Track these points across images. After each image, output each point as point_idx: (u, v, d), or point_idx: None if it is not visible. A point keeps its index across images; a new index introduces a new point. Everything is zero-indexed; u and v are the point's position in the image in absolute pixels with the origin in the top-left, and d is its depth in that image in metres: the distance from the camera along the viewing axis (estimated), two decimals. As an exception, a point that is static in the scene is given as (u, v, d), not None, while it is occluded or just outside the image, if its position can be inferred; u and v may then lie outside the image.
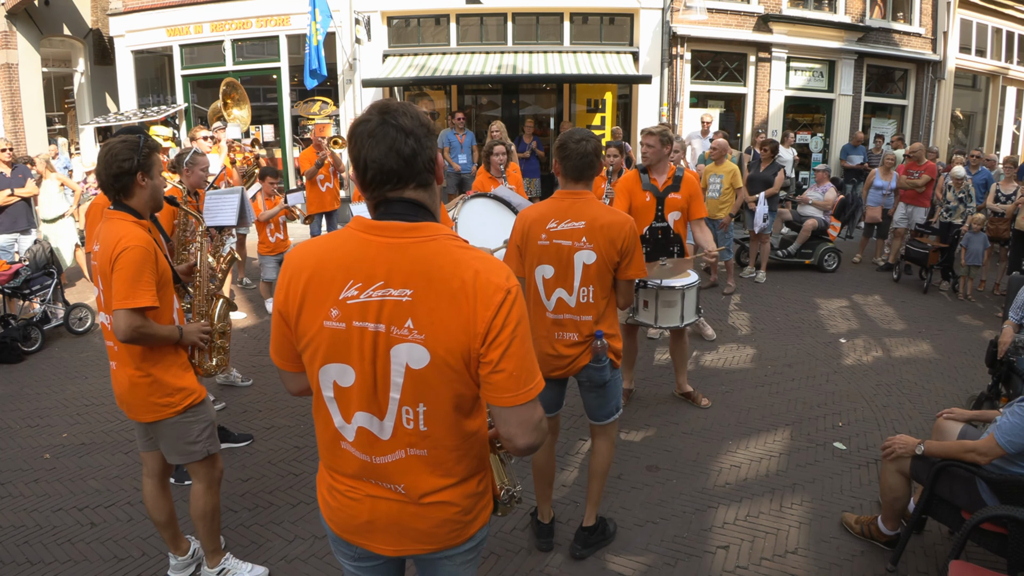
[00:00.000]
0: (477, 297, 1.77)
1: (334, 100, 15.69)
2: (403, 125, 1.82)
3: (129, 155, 3.15)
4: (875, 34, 16.39)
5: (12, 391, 6.39)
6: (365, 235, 1.86)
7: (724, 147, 9.25)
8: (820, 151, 16.51)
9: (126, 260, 3.04)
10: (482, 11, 15.08)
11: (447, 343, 1.79)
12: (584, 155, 3.50)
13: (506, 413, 1.84)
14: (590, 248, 3.46)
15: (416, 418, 1.88)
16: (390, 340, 1.82)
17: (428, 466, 1.94)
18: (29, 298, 7.73)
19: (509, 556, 3.95)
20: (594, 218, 3.46)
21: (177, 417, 3.34)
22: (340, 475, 2.03)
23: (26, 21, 14.86)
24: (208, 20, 15.56)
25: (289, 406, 5.89)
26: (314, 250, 1.91)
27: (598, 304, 3.56)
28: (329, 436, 1.99)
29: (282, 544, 4.07)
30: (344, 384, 1.90)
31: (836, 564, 3.89)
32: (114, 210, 3.23)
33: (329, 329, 1.85)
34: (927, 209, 10.81)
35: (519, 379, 1.81)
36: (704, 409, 5.85)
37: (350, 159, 1.89)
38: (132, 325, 3.04)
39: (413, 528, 1.98)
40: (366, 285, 1.82)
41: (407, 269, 1.80)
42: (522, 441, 1.86)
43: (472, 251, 1.86)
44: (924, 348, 7.49)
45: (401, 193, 1.86)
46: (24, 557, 3.95)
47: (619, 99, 15.93)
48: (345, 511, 2.03)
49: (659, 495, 4.58)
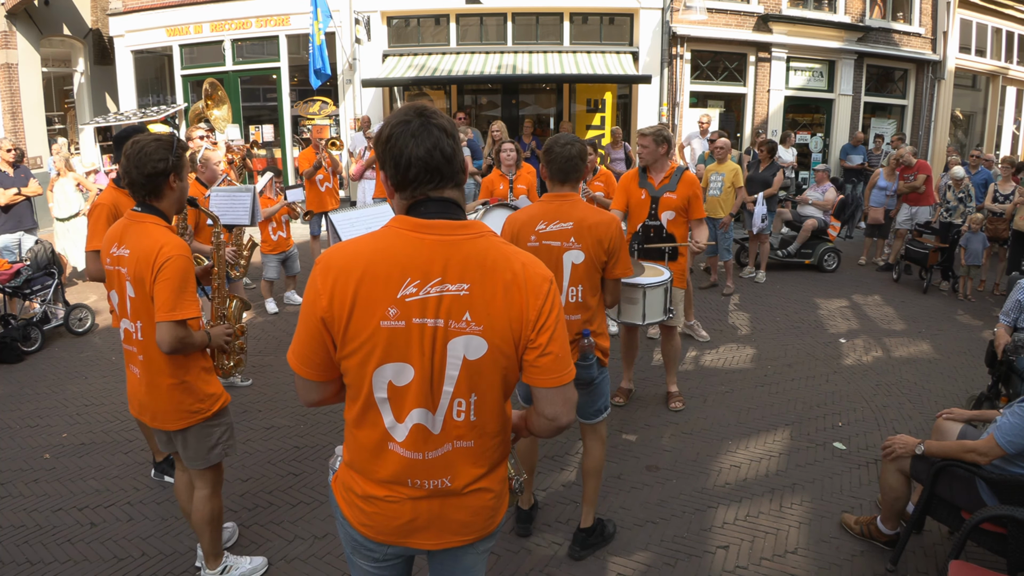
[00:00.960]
0: (528, 287, 1.89)
1: (334, 100, 15.69)
2: (443, 126, 1.90)
3: (164, 155, 3.10)
4: (875, 34, 16.38)
5: (12, 391, 6.39)
6: (416, 234, 1.88)
7: (727, 146, 9.26)
8: (820, 151, 16.51)
9: (172, 270, 2.98)
10: (482, 11, 15.08)
11: (502, 331, 1.89)
12: (569, 158, 3.65)
13: (552, 393, 1.97)
14: (578, 248, 3.56)
15: (467, 409, 1.95)
16: (448, 334, 1.88)
17: (471, 456, 2.00)
18: (29, 298, 7.73)
19: (509, 556, 3.95)
20: (581, 218, 3.56)
21: (204, 422, 3.33)
22: (377, 481, 2.01)
23: (26, 21, 14.86)
24: (208, 20, 15.57)
25: (289, 406, 5.90)
26: (361, 251, 1.90)
27: (587, 303, 3.65)
28: (375, 440, 1.99)
29: (282, 544, 4.07)
30: (400, 383, 1.92)
31: (836, 564, 3.89)
32: (142, 212, 3.15)
33: (387, 329, 1.87)
34: (931, 207, 10.80)
35: (563, 360, 1.95)
36: (703, 409, 5.86)
37: (386, 157, 1.92)
38: (178, 336, 3.01)
39: (453, 520, 2.03)
40: (424, 282, 1.85)
41: (462, 264, 1.87)
42: (566, 419, 2.01)
43: (513, 246, 1.99)
44: (924, 348, 7.49)
45: (442, 192, 1.93)
46: (24, 557, 3.95)
47: (619, 99, 15.92)
48: (384, 514, 2.02)
49: (659, 495, 4.58)
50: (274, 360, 6.91)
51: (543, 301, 1.91)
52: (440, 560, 2.16)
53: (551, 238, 3.59)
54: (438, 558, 2.15)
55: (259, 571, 3.81)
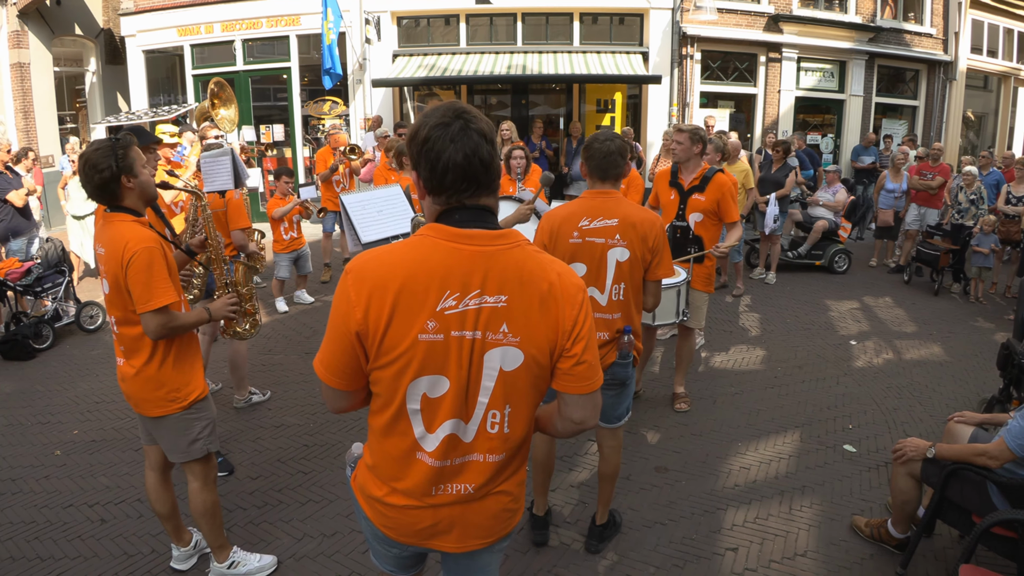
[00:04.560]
0: (564, 297, 1.89)
1: (344, 100, 15.71)
2: (483, 130, 1.85)
3: (107, 162, 3.14)
4: (886, 34, 16.30)
5: (23, 388, 6.43)
6: (454, 244, 1.85)
7: (737, 147, 9.24)
8: (831, 152, 16.44)
9: (137, 265, 3.08)
10: (492, 11, 15.07)
11: (539, 342, 1.90)
12: (607, 155, 3.58)
13: (584, 400, 1.98)
14: (624, 245, 3.52)
15: (502, 421, 1.95)
16: (485, 346, 1.87)
17: (497, 466, 2.01)
18: (41, 296, 7.78)
19: (518, 556, 3.95)
20: (626, 215, 3.52)
21: (181, 413, 3.38)
22: (401, 492, 2.01)
23: (38, 21, 14.93)
24: (219, 20, 15.60)
25: (298, 405, 5.91)
26: (396, 262, 1.86)
27: (627, 302, 3.61)
28: (403, 449, 1.98)
29: (291, 542, 4.08)
30: (435, 395, 1.91)
31: (845, 567, 3.88)
32: (112, 212, 3.24)
33: (425, 342, 1.84)
34: (939, 211, 10.76)
35: (595, 368, 1.98)
36: (713, 410, 5.84)
37: (421, 159, 1.87)
38: (160, 323, 3.14)
39: (474, 524, 2.05)
40: (463, 294, 1.84)
41: (500, 276, 1.85)
42: (592, 423, 2.04)
43: (547, 255, 1.97)
44: (935, 350, 7.46)
45: (478, 200, 1.89)
46: (34, 553, 3.98)
47: (629, 99, 15.88)
48: (406, 518, 2.04)
49: (668, 496, 4.58)
50: (284, 359, 6.93)
51: (578, 310, 1.91)
52: (455, 559, 2.17)
53: (595, 235, 3.53)
54: (454, 556, 2.15)
55: (267, 570, 3.82)
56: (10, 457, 5.13)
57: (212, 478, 3.60)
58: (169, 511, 3.70)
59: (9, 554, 3.97)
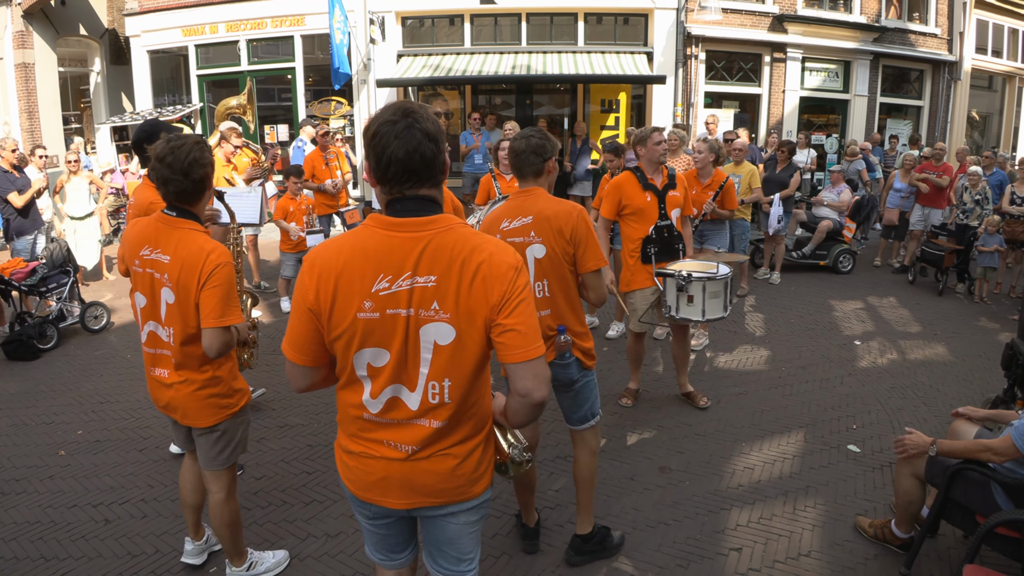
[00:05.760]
0: (493, 275, 2.02)
1: (348, 100, 15.73)
2: (427, 130, 2.02)
3: (209, 158, 3.08)
4: (891, 34, 16.28)
5: (28, 388, 6.44)
6: (388, 232, 2.06)
7: (744, 148, 9.23)
8: (835, 152, 16.41)
9: (220, 278, 2.99)
10: (496, 11, 15.09)
11: (471, 318, 2.03)
12: (518, 153, 3.58)
13: (522, 368, 2.06)
14: (539, 241, 3.47)
15: (441, 392, 2.11)
16: (419, 321, 2.05)
17: (441, 431, 2.17)
18: (45, 296, 7.80)
19: (520, 556, 3.95)
20: (541, 210, 3.48)
21: (232, 418, 3.35)
22: (359, 438, 2.23)
23: (42, 21, 14.98)
24: (223, 20, 15.64)
25: (302, 405, 5.91)
26: (340, 250, 2.09)
27: (555, 299, 3.54)
28: (356, 403, 2.19)
29: (295, 542, 4.09)
30: (378, 364, 2.12)
31: (849, 567, 3.87)
32: (178, 217, 3.12)
33: (363, 319, 2.06)
34: (944, 211, 10.74)
35: (527, 336, 2.05)
36: (717, 410, 5.84)
37: (370, 153, 2.06)
38: (226, 341, 3.03)
39: (422, 483, 2.21)
40: (396, 277, 2.03)
41: (430, 258, 2.03)
42: (538, 394, 2.08)
43: (483, 236, 2.11)
44: (939, 351, 7.44)
45: (417, 191, 2.07)
46: (39, 553, 3.98)
47: (633, 99, 15.88)
48: (362, 468, 2.24)
49: (672, 496, 4.57)
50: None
51: (508, 286, 2.02)
52: (428, 528, 2.36)
53: (514, 235, 3.49)
54: (426, 527, 2.36)
55: (283, 565, 3.85)
56: (14, 457, 5.14)
57: (234, 486, 3.56)
58: (199, 504, 3.71)
59: (13, 554, 3.98)
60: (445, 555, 2.36)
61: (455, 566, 2.37)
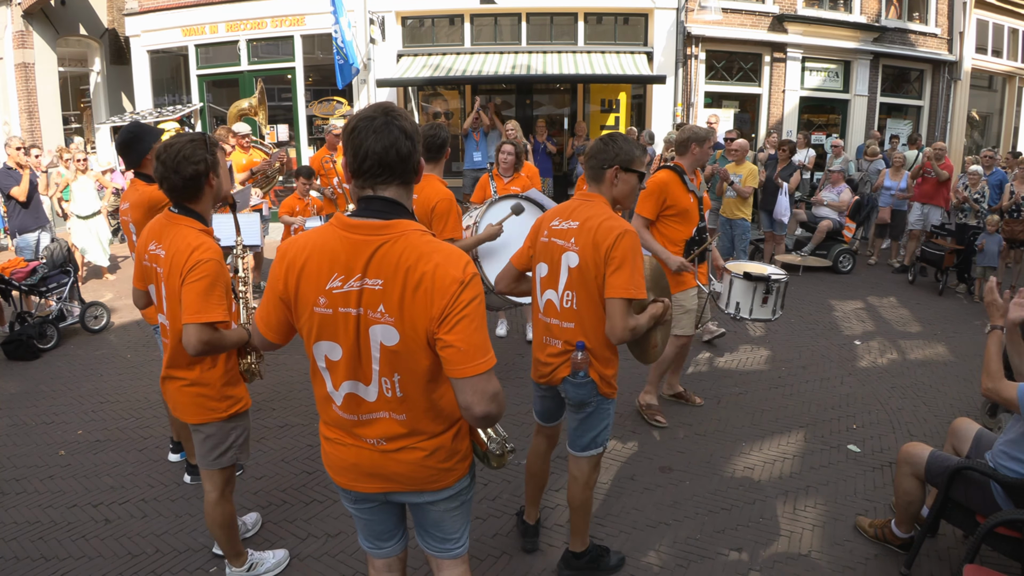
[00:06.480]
0: (435, 287, 2.05)
1: (348, 100, 15.72)
2: (405, 127, 2.11)
3: (202, 155, 3.06)
4: (891, 34, 16.28)
5: (28, 388, 6.44)
6: (345, 233, 2.14)
7: (744, 147, 9.23)
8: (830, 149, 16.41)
9: (201, 272, 2.95)
10: (496, 11, 15.08)
11: (413, 324, 2.09)
12: (585, 155, 3.54)
13: (461, 383, 2.08)
14: (575, 250, 3.24)
15: (393, 387, 2.20)
16: (367, 321, 2.13)
17: (404, 426, 2.25)
18: (46, 296, 7.79)
19: (520, 556, 3.95)
20: (587, 219, 3.25)
21: (221, 422, 3.35)
22: (333, 426, 2.35)
23: (42, 21, 14.98)
24: (223, 20, 15.63)
25: (303, 405, 5.91)
26: (306, 246, 2.20)
27: (581, 314, 3.28)
28: (324, 394, 2.31)
29: (295, 542, 4.09)
30: (333, 358, 2.22)
31: (850, 567, 3.87)
32: (179, 215, 3.13)
33: (319, 314, 2.17)
34: (943, 210, 10.74)
35: (468, 353, 2.05)
36: (717, 410, 5.84)
37: (348, 147, 2.13)
38: (202, 339, 2.94)
39: (392, 471, 2.30)
40: (348, 277, 2.12)
41: (379, 262, 2.09)
42: (478, 409, 2.08)
43: (436, 244, 2.13)
44: (939, 350, 7.44)
45: (386, 190, 2.15)
46: (39, 553, 3.98)
47: (633, 99, 15.88)
48: (337, 454, 2.36)
49: (672, 496, 4.57)
50: (287, 359, 6.93)
51: (449, 301, 2.04)
52: (412, 511, 2.47)
53: (559, 236, 3.32)
54: (411, 509, 2.47)
55: (283, 565, 3.84)
56: (15, 457, 5.14)
57: (230, 490, 3.54)
58: None
59: (14, 554, 3.98)
60: (431, 535, 2.48)
61: (441, 544, 2.49)
